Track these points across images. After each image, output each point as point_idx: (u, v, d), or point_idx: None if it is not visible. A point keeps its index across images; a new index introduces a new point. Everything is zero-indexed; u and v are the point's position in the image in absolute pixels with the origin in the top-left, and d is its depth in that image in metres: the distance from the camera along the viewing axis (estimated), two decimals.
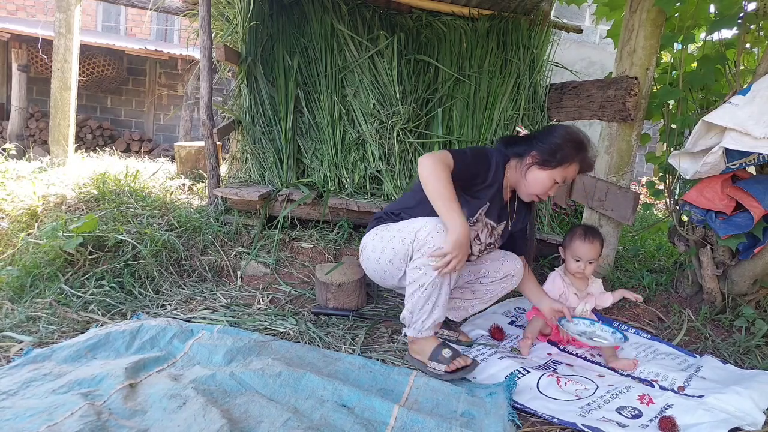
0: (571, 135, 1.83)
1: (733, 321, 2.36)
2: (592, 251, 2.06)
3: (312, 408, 1.46)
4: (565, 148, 1.80)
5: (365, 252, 1.93)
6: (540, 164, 1.83)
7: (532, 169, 1.84)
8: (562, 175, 1.83)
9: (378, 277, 1.93)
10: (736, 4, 2.25)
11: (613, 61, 2.75)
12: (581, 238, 2.07)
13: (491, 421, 1.48)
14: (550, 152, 1.81)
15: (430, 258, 1.65)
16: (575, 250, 2.07)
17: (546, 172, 1.82)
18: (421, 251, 1.69)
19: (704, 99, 2.57)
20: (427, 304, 1.72)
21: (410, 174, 3.43)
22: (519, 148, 1.90)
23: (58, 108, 4.39)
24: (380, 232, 1.88)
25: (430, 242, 1.67)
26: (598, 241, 2.08)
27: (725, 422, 1.53)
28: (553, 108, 3.46)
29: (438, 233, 1.66)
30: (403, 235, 1.76)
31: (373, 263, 1.89)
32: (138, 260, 2.37)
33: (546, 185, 1.84)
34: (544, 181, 1.83)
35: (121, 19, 9.44)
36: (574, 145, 1.81)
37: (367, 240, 1.94)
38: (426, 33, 3.74)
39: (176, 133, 8.92)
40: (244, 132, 3.37)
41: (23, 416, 1.31)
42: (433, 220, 1.70)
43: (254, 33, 3.36)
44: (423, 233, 1.69)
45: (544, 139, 1.84)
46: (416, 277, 1.71)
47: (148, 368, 1.61)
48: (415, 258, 1.71)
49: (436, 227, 1.68)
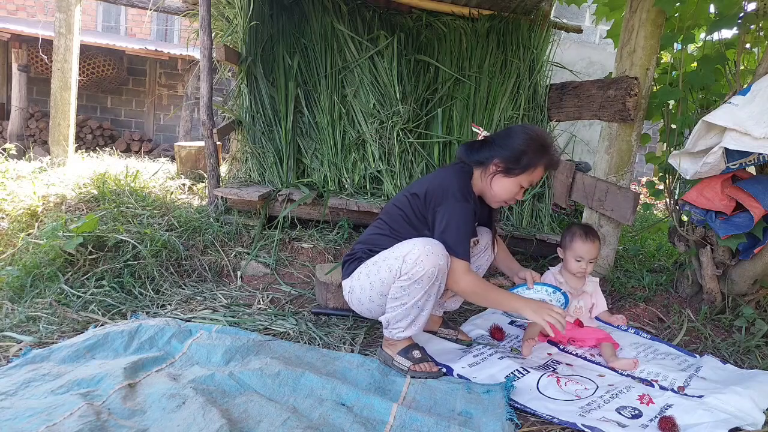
0: (534, 137, 1.75)
1: (733, 321, 2.36)
2: (593, 250, 2.07)
3: (311, 407, 1.46)
4: (528, 152, 1.73)
5: (354, 295, 1.83)
6: (504, 172, 1.76)
7: (496, 177, 1.78)
8: (528, 179, 1.77)
9: (374, 313, 1.85)
10: (736, 4, 2.25)
11: (613, 61, 2.75)
12: (582, 238, 2.07)
13: (489, 419, 1.48)
14: (513, 159, 1.74)
15: (415, 282, 1.64)
16: (577, 250, 2.07)
17: (511, 179, 1.76)
18: (408, 274, 1.64)
19: (704, 99, 2.56)
20: (405, 320, 1.72)
21: (410, 174, 3.43)
22: (480, 155, 1.80)
23: (58, 108, 4.39)
24: (363, 269, 1.78)
25: (420, 266, 1.62)
26: (597, 239, 2.10)
27: (725, 422, 1.53)
28: (553, 108, 3.46)
29: (427, 257, 1.62)
30: (389, 263, 1.69)
31: (365, 303, 1.81)
32: (138, 260, 2.37)
33: (513, 191, 1.79)
34: (511, 188, 1.78)
35: (121, 19, 9.44)
36: (537, 148, 1.74)
37: (351, 283, 1.83)
38: (426, 33, 3.75)
39: (176, 133, 8.92)
40: (244, 132, 3.37)
41: (22, 416, 1.31)
42: (420, 243, 1.65)
43: (254, 33, 3.36)
44: (412, 257, 1.63)
45: (505, 144, 1.76)
46: (399, 296, 1.69)
47: (146, 368, 1.61)
48: (402, 278, 1.66)
49: (424, 250, 1.63)
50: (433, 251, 1.63)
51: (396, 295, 1.70)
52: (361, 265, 1.80)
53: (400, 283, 1.67)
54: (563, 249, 2.15)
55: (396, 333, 1.75)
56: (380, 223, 1.88)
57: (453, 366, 1.84)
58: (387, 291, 1.73)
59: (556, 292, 1.92)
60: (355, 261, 1.83)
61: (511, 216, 3.35)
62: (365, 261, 1.80)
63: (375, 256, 1.77)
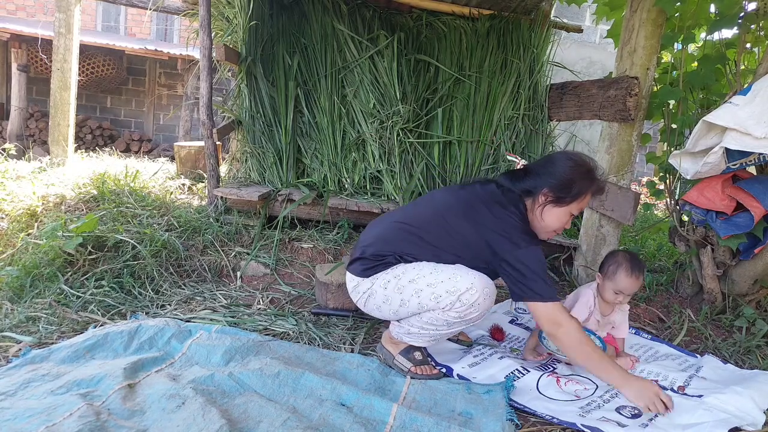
0: (580, 165, 1.72)
1: (734, 321, 2.36)
2: (636, 286, 1.90)
3: (311, 407, 1.46)
4: (577, 181, 1.69)
5: (372, 299, 1.73)
6: (555, 202, 1.71)
7: (547, 208, 1.72)
8: (578, 207, 1.73)
9: (386, 317, 1.79)
10: (737, 4, 2.25)
11: (614, 61, 2.75)
12: (627, 272, 1.88)
13: (489, 420, 1.48)
14: (563, 188, 1.70)
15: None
16: (619, 284, 1.89)
17: (562, 208, 1.72)
18: (461, 314, 1.61)
19: (704, 99, 2.56)
20: (427, 337, 1.73)
21: (410, 174, 3.42)
22: (526, 184, 1.75)
23: (58, 108, 4.39)
24: (392, 280, 1.67)
25: (475, 308, 1.60)
26: (642, 275, 1.91)
27: (725, 422, 1.52)
28: (554, 108, 3.46)
29: (485, 300, 1.60)
30: (437, 292, 1.61)
31: (385, 312, 1.74)
32: (138, 260, 2.37)
33: (563, 221, 1.74)
34: (562, 217, 1.73)
35: (120, 19, 9.43)
36: (585, 175, 1.71)
37: (373, 287, 1.71)
38: (426, 33, 3.74)
39: (176, 133, 8.91)
40: (244, 132, 3.37)
41: (22, 417, 1.30)
42: (479, 283, 1.60)
43: (254, 33, 3.36)
44: (469, 298, 1.59)
45: (552, 173, 1.72)
46: (437, 323, 1.67)
47: (146, 368, 1.61)
48: (450, 312, 1.62)
49: (484, 293, 1.60)
50: (491, 294, 1.63)
51: (433, 322, 1.67)
52: (388, 271, 1.70)
53: (446, 316, 1.64)
54: (603, 276, 1.96)
55: (408, 339, 1.75)
56: (412, 229, 1.73)
57: (453, 366, 1.83)
58: (422, 312, 1.68)
59: (591, 336, 1.83)
60: (381, 265, 1.71)
61: None
62: (394, 268, 1.69)
63: (410, 271, 1.67)
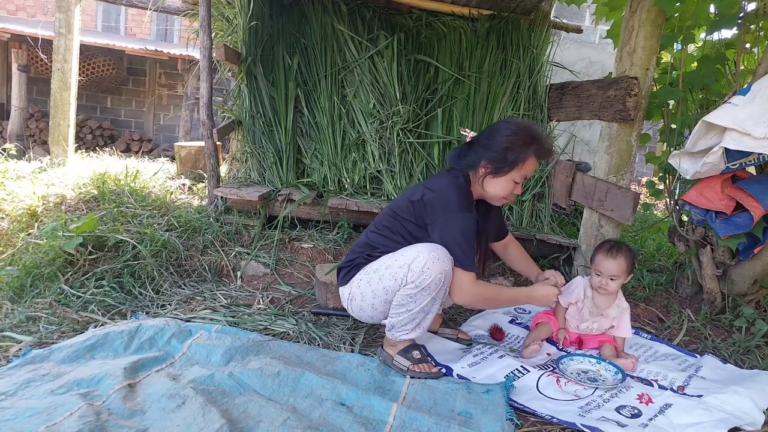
0: (516, 131, 1.72)
1: (733, 321, 2.36)
2: (614, 267, 1.95)
3: (311, 407, 1.46)
4: (513, 147, 1.70)
5: (354, 302, 1.80)
6: (493, 173, 1.74)
7: (487, 179, 1.76)
8: (520, 174, 1.74)
9: (375, 318, 1.84)
10: (736, 4, 2.25)
11: (613, 61, 2.75)
12: (604, 252, 1.98)
13: (489, 419, 1.48)
14: (499, 158, 1.71)
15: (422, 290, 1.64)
16: (597, 264, 1.99)
17: (502, 177, 1.74)
18: (415, 282, 1.64)
19: (704, 99, 2.56)
20: (410, 324, 1.72)
21: (410, 174, 3.43)
22: (468, 159, 1.79)
23: (58, 108, 4.39)
24: (362, 276, 1.76)
25: (426, 273, 1.62)
26: (623, 257, 1.96)
27: (724, 422, 1.53)
28: (553, 108, 3.46)
29: (434, 263, 1.61)
30: (393, 271, 1.68)
31: (367, 311, 1.79)
32: (138, 260, 2.37)
33: (507, 189, 1.76)
34: (504, 186, 1.75)
35: (121, 19, 9.44)
36: (522, 141, 1.71)
37: (351, 290, 1.80)
38: (426, 33, 3.74)
39: (176, 133, 8.91)
40: (244, 132, 3.37)
41: (22, 417, 1.31)
42: (424, 249, 1.64)
43: (254, 33, 3.36)
44: (418, 265, 1.63)
45: (488, 144, 1.74)
46: (404, 303, 1.68)
47: (146, 368, 1.61)
48: (408, 286, 1.66)
49: (430, 257, 1.62)
50: (439, 257, 1.63)
51: (402, 302, 1.69)
52: (359, 271, 1.78)
53: (406, 291, 1.66)
54: (591, 261, 2.07)
55: (399, 336, 1.75)
56: (377, 228, 1.85)
57: (453, 366, 1.84)
58: (391, 298, 1.71)
59: (601, 363, 1.89)
60: (353, 268, 1.80)
61: (511, 216, 3.35)
62: (364, 267, 1.78)
63: (374, 263, 1.75)
